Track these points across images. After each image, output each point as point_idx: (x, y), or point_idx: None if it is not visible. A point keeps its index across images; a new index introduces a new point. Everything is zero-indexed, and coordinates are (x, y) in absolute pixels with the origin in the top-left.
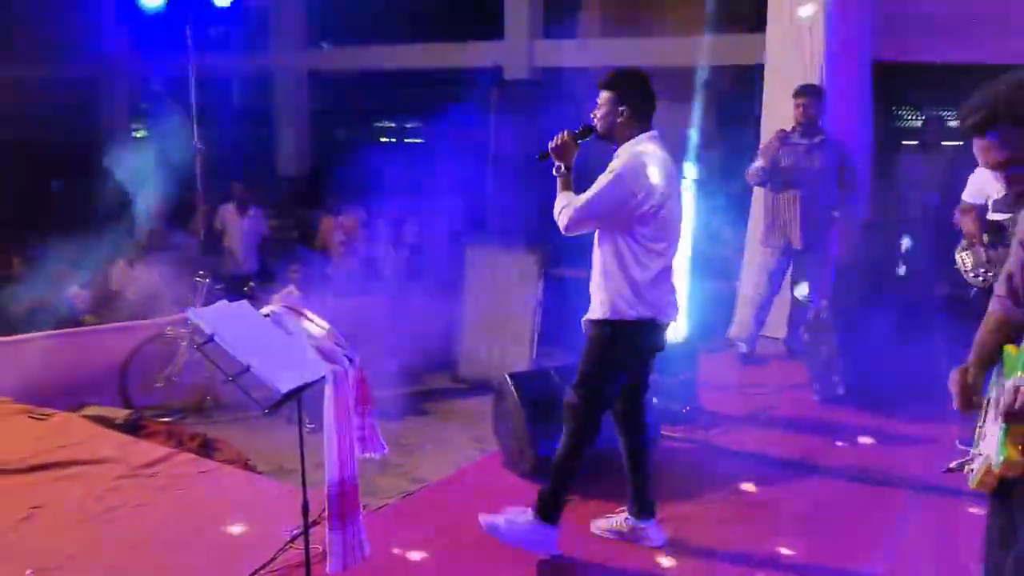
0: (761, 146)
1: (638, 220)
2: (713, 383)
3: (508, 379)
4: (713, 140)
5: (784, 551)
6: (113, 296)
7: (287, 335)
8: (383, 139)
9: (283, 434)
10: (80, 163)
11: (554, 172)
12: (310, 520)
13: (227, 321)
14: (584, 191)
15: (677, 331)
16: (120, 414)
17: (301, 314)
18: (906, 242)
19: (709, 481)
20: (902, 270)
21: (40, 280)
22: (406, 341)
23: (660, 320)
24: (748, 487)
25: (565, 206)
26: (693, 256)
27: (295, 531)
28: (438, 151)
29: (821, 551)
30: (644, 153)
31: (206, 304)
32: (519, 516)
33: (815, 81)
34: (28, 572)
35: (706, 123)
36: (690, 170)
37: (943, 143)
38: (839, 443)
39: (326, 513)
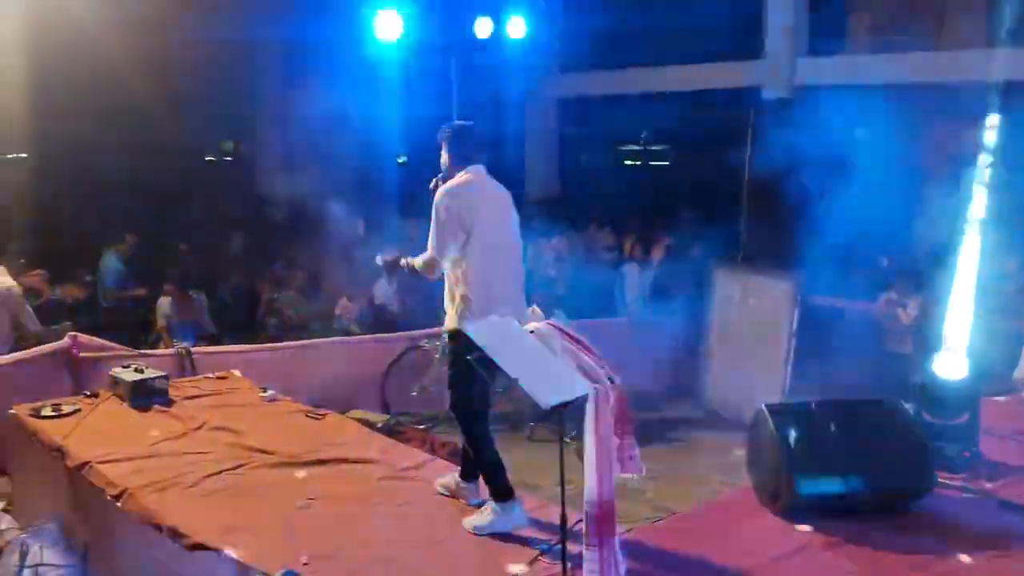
0: None
1: (461, 239)
2: (997, 429)
3: (765, 410)
4: (1004, 164)
5: None
6: (377, 309)
7: (551, 352)
8: (628, 162)
9: (521, 448)
10: (354, 188)
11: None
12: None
13: (497, 336)
14: None
15: (953, 370)
16: (380, 418)
17: (564, 332)
18: None
19: (989, 537)
20: None
21: (318, 293)
22: (648, 365)
23: None
24: None
25: (423, 259)
26: (977, 292)
27: (547, 543)
28: (686, 174)
29: None
30: (451, 186)
31: None
32: (484, 511)
33: None
34: (303, 558)
35: (997, 145)
36: (979, 200)
37: None
38: None
39: (583, 530)
